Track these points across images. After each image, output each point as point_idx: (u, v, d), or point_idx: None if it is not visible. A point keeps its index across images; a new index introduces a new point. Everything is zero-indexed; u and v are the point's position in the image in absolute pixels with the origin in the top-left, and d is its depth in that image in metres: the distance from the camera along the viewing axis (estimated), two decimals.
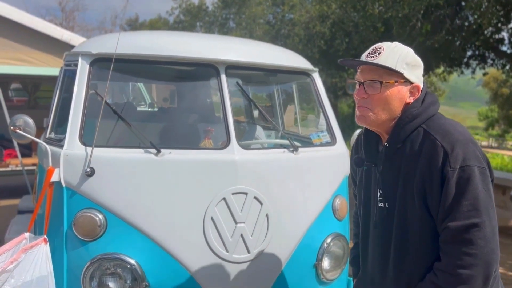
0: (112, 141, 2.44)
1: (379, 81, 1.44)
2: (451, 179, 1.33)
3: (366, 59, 1.46)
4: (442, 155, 1.35)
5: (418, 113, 1.45)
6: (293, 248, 2.46)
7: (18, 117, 2.31)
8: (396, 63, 1.43)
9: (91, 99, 2.40)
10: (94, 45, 2.55)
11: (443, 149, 1.35)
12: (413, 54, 1.47)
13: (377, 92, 1.44)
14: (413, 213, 1.42)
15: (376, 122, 1.49)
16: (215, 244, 2.25)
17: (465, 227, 1.31)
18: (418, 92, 1.48)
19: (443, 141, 1.36)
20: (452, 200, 1.33)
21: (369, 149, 1.60)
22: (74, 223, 2.17)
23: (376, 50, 1.46)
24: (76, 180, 2.19)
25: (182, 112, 3.09)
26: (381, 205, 1.52)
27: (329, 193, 2.67)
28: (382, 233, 1.52)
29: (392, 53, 1.44)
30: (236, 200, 2.29)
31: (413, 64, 1.46)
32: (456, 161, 1.33)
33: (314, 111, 3.25)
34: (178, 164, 2.29)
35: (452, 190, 1.33)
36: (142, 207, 2.21)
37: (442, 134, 1.39)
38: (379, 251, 1.55)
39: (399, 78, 1.44)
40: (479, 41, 8.60)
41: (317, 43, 12.31)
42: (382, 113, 1.46)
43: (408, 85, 1.47)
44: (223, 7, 19.20)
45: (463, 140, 1.37)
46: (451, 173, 1.33)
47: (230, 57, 2.57)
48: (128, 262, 2.16)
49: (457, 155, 1.34)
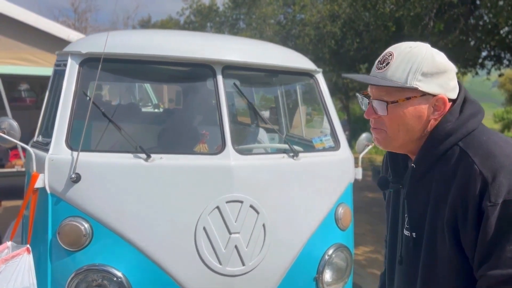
0: (101, 145, 2.32)
1: (385, 101, 1.17)
2: (490, 217, 1.05)
3: (374, 71, 1.19)
4: (480, 184, 1.07)
5: (453, 129, 1.15)
6: (292, 260, 2.32)
7: (3, 119, 2.21)
8: (408, 75, 1.14)
9: (80, 100, 2.29)
10: (84, 44, 2.44)
11: (481, 176, 1.07)
12: (433, 58, 1.16)
13: (385, 113, 1.17)
14: (443, 250, 1.15)
15: (395, 145, 1.23)
16: (207, 256, 2.11)
17: (508, 277, 1.05)
18: (444, 106, 1.16)
19: (483, 166, 1.08)
20: (492, 243, 1.06)
21: (396, 167, 1.33)
22: (59, 232, 2.06)
23: (386, 59, 1.18)
24: (61, 186, 2.08)
25: (175, 114, 2.96)
26: (407, 234, 1.26)
27: (331, 201, 2.52)
28: (409, 265, 1.27)
29: (403, 62, 1.15)
30: (231, 208, 2.15)
31: (433, 72, 1.15)
32: (498, 194, 1.05)
33: (322, 112, 3.10)
34: (169, 170, 2.17)
35: (492, 231, 1.05)
36: (130, 215, 2.09)
37: (482, 156, 1.09)
38: (404, 283, 1.31)
39: (414, 93, 1.15)
40: (495, 41, 8.34)
41: (327, 43, 12.12)
42: (399, 134, 1.19)
43: (430, 98, 1.16)
44: (233, 7, 19.11)
45: (510, 165, 1.07)
46: (491, 209, 1.05)
47: (227, 57, 2.43)
48: (114, 274, 2.05)
49: (500, 185, 1.05)
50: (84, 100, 2.31)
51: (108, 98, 7.06)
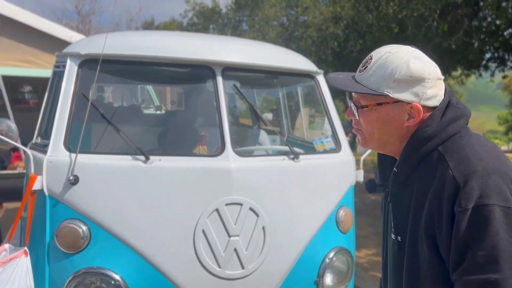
0: (99, 147, 2.31)
1: (356, 105, 1.20)
2: (461, 222, 1.04)
3: (357, 73, 1.21)
4: (452, 189, 1.06)
5: (433, 133, 1.14)
6: (292, 263, 2.29)
7: (1, 121, 2.19)
8: (381, 82, 1.14)
9: (79, 102, 2.27)
10: (83, 45, 2.43)
11: (454, 181, 1.06)
12: (407, 65, 1.13)
13: (356, 116, 1.21)
14: (424, 254, 1.15)
15: (371, 145, 1.25)
16: (206, 259, 2.09)
17: (480, 283, 1.03)
18: (418, 114, 1.15)
19: (456, 171, 1.06)
20: (464, 248, 1.05)
21: (383, 171, 1.34)
22: (57, 234, 2.04)
23: (366, 62, 1.19)
24: (59, 188, 2.07)
25: (177, 116, 2.94)
26: (394, 237, 1.26)
27: (332, 203, 2.48)
28: (395, 269, 1.27)
29: (378, 69, 1.15)
30: (230, 211, 2.12)
31: (407, 80, 1.13)
32: (469, 199, 1.03)
33: (323, 114, 3.07)
34: (168, 172, 2.14)
35: (463, 236, 1.04)
36: (128, 218, 2.07)
37: (457, 160, 1.08)
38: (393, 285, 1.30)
39: (385, 100, 1.15)
40: (498, 43, 8.28)
41: (330, 45, 12.09)
42: (374, 137, 1.21)
43: (405, 106, 1.15)
44: (236, 9, 19.11)
45: (483, 170, 1.05)
46: (461, 214, 1.04)
47: (227, 58, 2.41)
48: (112, 277, 2.03)
49: (471, 190, 1.04)
50: (83, 102, 2.29)
51: (111, 100, 7.06)
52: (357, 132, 1.26)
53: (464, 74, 12.08)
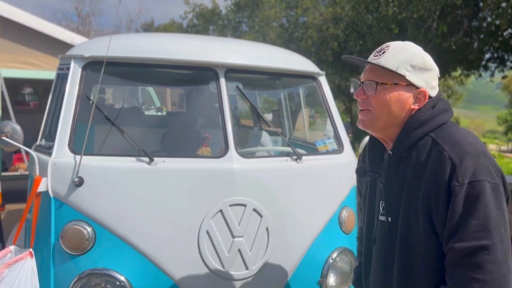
0: (104, 149, 2.32)
1: (375, 82, 1.32)
2: (458, 195, 1.19)
3: (371, 58, 1.35)
4: (449, 168, 1.21)
5: (426, 119, 1.30)
6: (296, 264, 2.30)
7: (6, 123, 2.21)
8: (399, 64, 1.29)
9: (83, 104, 2.29)
10: (87, 48, 2.44)
11: (450, 161, 1.21)
12: (422, 56, 1.33)
13: (373, 93, 1.32)
14: (417, 229, 1.28)
15: (377, 126, 1.36)
16: (210, 260, 2.10)
17: (473, 249, 1.17)
18: (424, 99, 1.32)
19: (452, 152, 1.23)
20: (459, 218, 1.19)
21: (373, 158, 1.47)
22: (62, 236, 2.05)
23: (382, 49, 1.34)
24: (64, 190, 2.08)
25: (180, 117, 2.95)
26: (383, 219, 1.39)
27: (335, 204, 2.50)
28: (385, 249, 1.39)
29: (397, 53, 1.31)
30: (234, 212, 2.14)
31: (420, 66, 1.31)
32: (465, 175, 1.20)
33: (325, 115, 3.09)
34: (172, 173, 2.16)
35: (459, 208, 1.19)
36: (133, 219, 2.08)
37: (451, 144, 1.25)
38: (381, 268, 1.42)
39: (401, 80, 1.31)
40: (498, 43, 8.30)
41: (330, 46, 12.12)
42: (382, 117, 1.33)
43: (413, 90, 1.32)
44: (236, 10, 19.13)
45: (474, 152, 1.23)
46: (458, 189, 1.19)
47: (230, 60, 2.43)
48: (117, 278, 2.04)
49: (466, 168, 1.20)
50: (87, 104, 2.30)
51: (111, 101, 7.06)
52: (364, 114, 1.36)
53: (463, 74, 12.10)
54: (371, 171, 1.44)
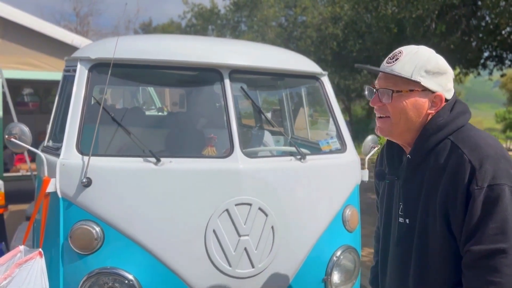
0: (111, 150, 2.35)
1: (391, 89, 1.33)
2: (477, 199, 1.20)
3: (384, 65, 1.37)
4: (469, 171, 1.22)
5: (444, 123, 1.31)
6: (301, 262, 2.33)
7: (14, 125, 2.23)
8: (413, 70, 1.31)
9: (90, 105, 2.31)
10: (93, 49, 2.47)
11: (470, 164, 1.22)
12: (437, 60, 1.34)
13: (389, 101, 1.34)
14: (435, 232, 1.30)
15: (395, 132, 1.38)
16: (217, 258, 2.13)
17: (490, 252, 1.18)
18: (441, 102, 1.33)
19: (471, 156, 1.23)
20: (477, 221, 1.20)
21: (391, 161, 1.48)
22: (71, 236, 2.08)
23: (395, 56, 1.35)
24: (72, 190, 2.11)
25: (184, 118, 2.98)
26: (401, 221, 1.41)
27: (339, 203, 2.53)
28: (402, 250, 1.41)
29: (411, 59, 1.32)
30: (240, 211, 2.17)
31: (435, 71, 1.32)
32: (484, 179, 1.20)
33: (327, 114, 3.12)
34: (179, 173, 2.19)
35: (478, 211, 1.20)
36: (141, 219, 2.11)
37: (470, 147, 1.25)
38: (398, 270, 1.44)
39: (416, 86, 1.32)
40: (497, 42, 8.34)
41: (329, 45, 12.16)
42: (400, 122, 1.35)
43: (429, 95, 1.33)
44: (235, 10, 19.16)
45: (494, 155, 1.23)
46: (477, 192, 1.20)
47: (235, 61, 2.46)
48: (126, 277, 2.07)
49: (486, 172, 1.21)
50: (94, 105, 2.33)
51: (111, 102, 7.08)
52: (382, 121, 1.38)
53: (462, 73, 12.15)
54: (389, 174, 1.46)
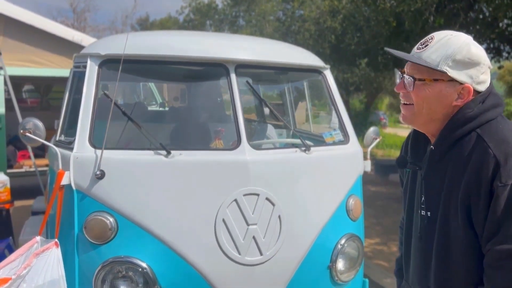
0: (122, 143, 2.42)
1: (413, 77, 1.27)
2: (500, 196, 1.15)
3: (415, 50, 1.30)
4: (493, 166, 1.17)
5: (473, 115, 1.24)
6: (307, 249, 2.41)
7: (28, 120, 2.30)
8: (441, 59, 1.23)
9: (100, 100, 2.38)
10: (103, 46, 2.53)
11: (495, 159, 1.17)
12: (469, 49, 1.24)
13: (411, 89, 1.28)
14: (456, 227, 1.25)
15: (417, 121, 1.33)
16: (227, 247, 2.21)
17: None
18: (468, 95, 1.25)
19: (496, 150, 1.17)
20: (500, 220, 1.16)
21: (415, 150, 1.43)
22: (85, 226, 2.16)
23: (426, 42, 1.28)
24: (86, 183, 2.18)
25: (192, 112, 3.05)
26: (423, 213, 1.36)
27: (342, 193, 2.61)
28: (423, 243, 1.37)
29: (440, 47, 1.24)
30: (248, 201, 2.25)
31: (465, 61, 1.23)
32: (509, 176, 1.15)
33: (326, 108, 3.19)
34: (189, 165, 2.26)
35: (501, 209, 1.15)
36: (153, 209, 2.19)
37: (497, 141, 1.19)
38: (419, 261, 1.40)
39: (442, 77, 1.24)
40: (494, 34, 8.40)
41: (328, 38, 12.17)
42: (423, 112, 1.29)
43: (457, 85, 1.25)
44: (232, 5, 19.14)
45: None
46: (501, 189, 1.15)
47: (240, 56, 2.53)
48: (139, 265, 2.14)
49: (511, 168, 1.15)
50: (104, 100, 2.40)
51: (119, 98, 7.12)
52: (406, 108, 1.33)
53: None
54: (412, 163, 1.41)
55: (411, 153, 1.44)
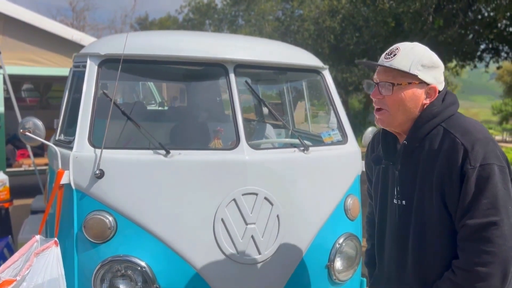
0: (121, 142, 2.43)
1: (391, 83, 1.46)
2: (471, 177, 1.34)
3: (383, 60, 1.49)
4: (462, 153, 1.36)
5: (438, 111, 1.45)
6: (305, 249, 2.43)
7: (27, 119, 2.31)
8: (411, 65, 1.44)
9: (100, 100, 2.39)
10: (103, 46, 2.54)
11: (463, 147, 1.36)
12: (430, 55, 1.48)
13: (390, 93, 1.46)
14: (431, 210, 1.43)
15: (394, 123, 1.50)
16: (225, 246, 2.22)
17: (483, 225, 1.32)
18: (435, 94, 1.48)
19: (463, 139, 1.37)
20: (471, 198, 1.34)
21: (386, 148, 1.61)
22: (84, 226, 2.17)
23: (393, 51, 1.47)
24: (85, 182, 2.19)
25: (191, 112, 3.06)
26: (398, 202, 1.54)
27: (341, 192, 2.62)
28: (399, 229, 1.54)
29: (407, 55, 1.45)
30: (246, 201, 2.26)
31: (429, 65, 1.46)
32: (476, 159, 1.34)
33: (325, 107, 3.21)
34: (188, 165, 2.27)
35: (472, 188, 1.34)
36: (152, 208, 2.20)
37: (462, 132, 1.39)
38: (396, 249, 1.56)
39: (414, 79, 1.45)
40: (493, 34, 8.43)
41: (327, 38, 12.20)
42: (398, 114, 1.48)
43: (425, 87, 1.47)
44: (232, 4, 19.16)
45: (483, 138, 1.38)
46: (471, 171, 1.34)
47: (239, 56, 2.53)
48: (138, 264, 2.15)
49: (477, 153, 1.35)
50: (103, 100, 2.41)
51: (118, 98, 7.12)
52: (381, 113, 1.51)
53: (459, 66, 12.24)
54: (385, 159, 1.60)
55: (383, 151, 1.62)
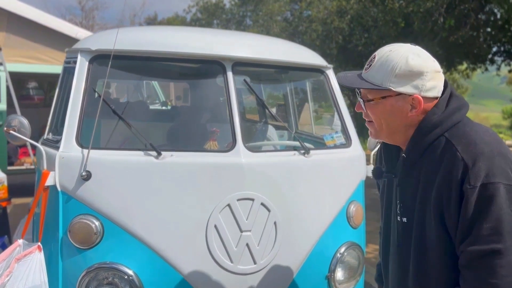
0: (111, 143, 2.31)
1: (362, 99, 1.33)
2: (470, 198, 1.16)
3: (363, 71, 1.34)
4: (461, 169, 1.18)
5: (439, 121, 1.25)
6: (304, 258, 2.30)
7: (13, 117, 2.20)
8: (383, 77, 1.26)
9: (90, 98, 2.28)
10: (94, 41, 2.43)
11: (463, 162, 1.18)
12: (407, 61, 1.24)
13: (364, 109, 1.34)
14: (431, 231, 1.27)
15: (382, 136, 1.36)
16: (218, 254, 2.10)
17: (484, 253, 1.16)
18: (420, 105, 1.26)
19: (464, 153, 1.19)
20: (471, 221, 1.17)
21: (389, 159, 1.45)
22: (70, 230, 2.05)
23: (371, 61, 1.31)
24: (72, 184, 2.07)
25: (186, 112, 2.94)
26: (399, 219, 1.38)
27: (343, 198, 2.49)
28: (401, 249, 1.39)
29: (382, 65, 1.27)
30: (242, 206, 2.13)
31: (406, 74, 1.24)
32: (477, 178, 1.16)
33: (331, 109, 3.07)
34: (180, 167, 2.15)
35: (471, 211, 1.16)
36: (141, 213, 2.08)
37: (464, 144, 1.20)
38: (398, 268, 1.42)
39: (389, 93, 1.27)
40: (506, 37, 8.22)
41: (335, 39, 12.06)
42: (382, 127, 1.32)
43: (407, 97, 1.26)
44: (240, 4, 19.08)
45: (489, 152, 1.18)
46: (470, 192, 1.16)
47: (238, 53, 2.41)
48: (125, 272, 2.04)
49: (479, 170, 1.16)
50: (94, 98, 2.30)
51: (116, 96, 7.06)
52: (369, 125, 1.37)
53: (470, 68, 12.02)
54: (387, 172, 1.44)
55: (385, 163, 1.47)
